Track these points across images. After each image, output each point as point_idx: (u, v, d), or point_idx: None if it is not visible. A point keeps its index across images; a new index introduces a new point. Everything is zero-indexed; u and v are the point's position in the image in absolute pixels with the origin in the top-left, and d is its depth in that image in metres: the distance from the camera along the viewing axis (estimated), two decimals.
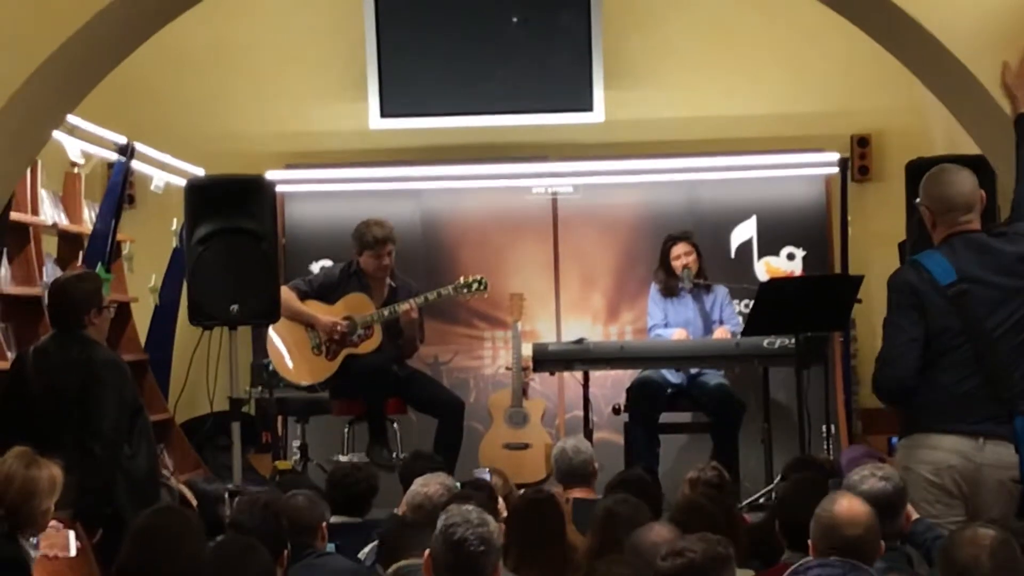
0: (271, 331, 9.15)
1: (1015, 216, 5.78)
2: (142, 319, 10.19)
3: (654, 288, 9.58)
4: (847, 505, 4.59)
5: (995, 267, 5.52)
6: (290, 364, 9.23)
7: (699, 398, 9.32)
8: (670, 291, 9.47)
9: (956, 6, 6.38)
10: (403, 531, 5.23)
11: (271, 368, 9.25)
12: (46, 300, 7.42)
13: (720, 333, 9.33)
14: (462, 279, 9.45)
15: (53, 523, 5.34)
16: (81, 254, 9.36)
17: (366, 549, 5.82)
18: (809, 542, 4.64)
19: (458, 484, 6.15)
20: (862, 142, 11.00)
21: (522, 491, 6.62)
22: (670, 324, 9.42)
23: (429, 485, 5.92)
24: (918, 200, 5.74)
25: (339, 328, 9.15)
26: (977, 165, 6.74)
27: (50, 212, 9.09)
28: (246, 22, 10.98)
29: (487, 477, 6.51)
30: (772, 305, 8.23)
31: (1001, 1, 6.41)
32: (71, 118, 8.25)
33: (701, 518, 4.92)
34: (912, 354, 5.48)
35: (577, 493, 6.98)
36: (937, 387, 5.48)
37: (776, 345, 8.74)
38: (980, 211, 5.63)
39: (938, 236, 5.63)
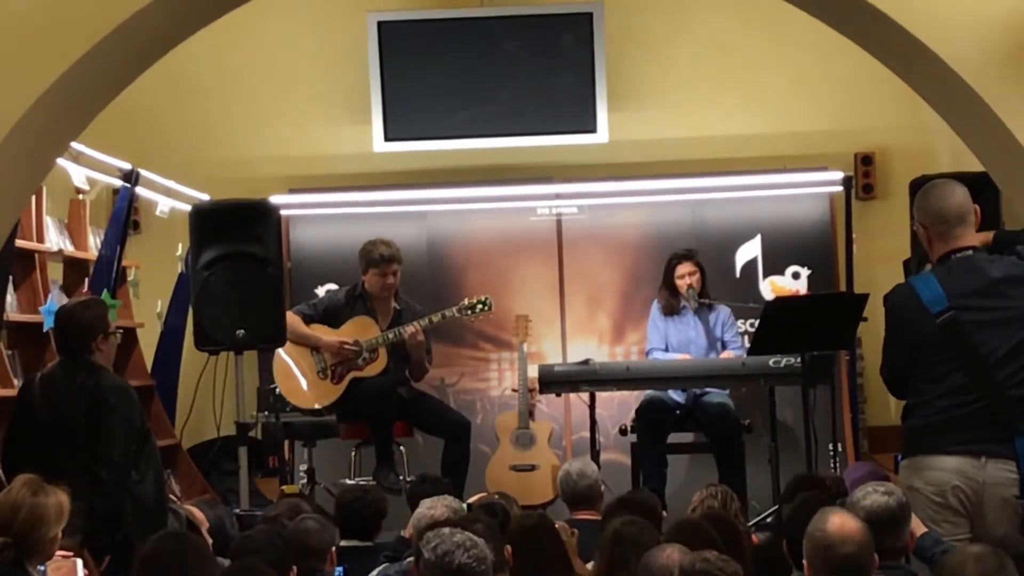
0: (277, 355, 9.15)
1: None
2: (148, 345, 10.20)
3: (655, 309, 9.56)
4: (839, 523, 4.57)
5: (984, 290, 5.55)
6: (297, 388, 9.23)
7: (700, 418, 9.32)
8: (672, 310, 9.47)
9: (959, 24, 6.38)
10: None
11: (277, 392, 9.25)
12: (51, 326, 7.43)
13: (725, 357, 9.32)
14: (467, 300, 9.47)
15: (61, 551, 5.34)
16: (87, 280, 9.37)
17: (373, 573, 5.82)
18: (804, 561, 4.63)
19: (464, 506, 6.14)
20: (866, 160, 11.00)
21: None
22: (672, 344, 9.41)
23: (435, 507, 5.92)
24: (914, 221, 5.78)
25: (345, 347, 9.15)
26: (981, 183, 6.76)
27: (55, 239, 9.12)
28: (249, 47, 11.00)
29: None
30: (778, 324, 8.21)
31: (1004, 18, 6.40)
32: (75, 145, 8.27)
33: (697, 538, 4.90)
34: (903, 375, 5.67)
35: (583, 515, 6.96)
36: (936, 409, 5.54)
37: (782, 364, 8.73)
38: (975, 224, 5.66)
39: (935, 254, 5.65)
